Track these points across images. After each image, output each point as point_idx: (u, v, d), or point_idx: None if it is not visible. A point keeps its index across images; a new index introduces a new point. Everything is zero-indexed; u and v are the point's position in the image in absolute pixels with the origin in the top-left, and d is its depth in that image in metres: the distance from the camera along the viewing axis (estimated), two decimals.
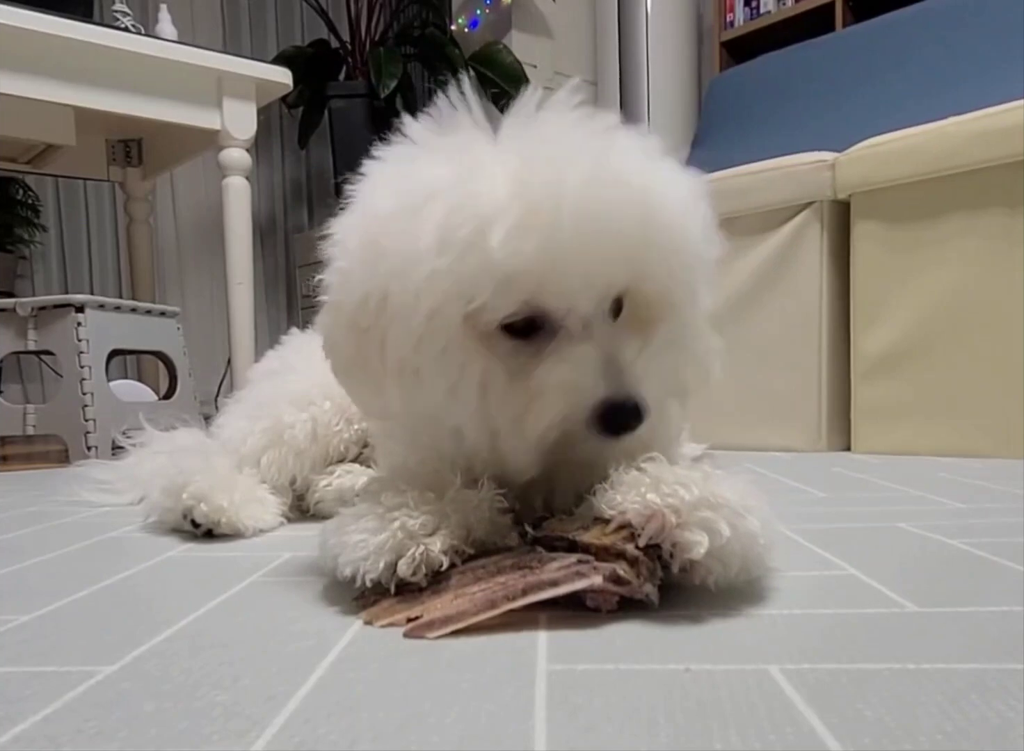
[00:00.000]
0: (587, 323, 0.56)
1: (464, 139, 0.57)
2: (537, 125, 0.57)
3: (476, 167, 0.54)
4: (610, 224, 0.53)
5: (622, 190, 0.53)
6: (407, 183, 0.56)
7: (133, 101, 1.96)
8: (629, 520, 0.52)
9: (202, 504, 0.83)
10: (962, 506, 0.91)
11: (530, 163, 0.53)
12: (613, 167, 0.54)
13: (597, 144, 0.55)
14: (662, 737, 0.34)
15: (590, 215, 0.52)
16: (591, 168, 0.53)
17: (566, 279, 0.54)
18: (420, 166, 0.56)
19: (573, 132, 0.56)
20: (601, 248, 0.53)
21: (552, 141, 0.55)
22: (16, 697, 0.41)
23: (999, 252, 1.44)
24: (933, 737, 0.33)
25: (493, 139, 0.57)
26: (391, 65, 3.01)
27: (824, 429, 1.68)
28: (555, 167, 0.52)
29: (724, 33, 3.24)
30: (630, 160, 0.55)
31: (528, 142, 0.55)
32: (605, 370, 0.54)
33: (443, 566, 0.53)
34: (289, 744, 0.34)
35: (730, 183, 1.79)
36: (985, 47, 2.06)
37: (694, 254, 0.58)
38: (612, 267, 0.55)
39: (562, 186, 0.52)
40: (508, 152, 0.55)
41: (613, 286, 0.57)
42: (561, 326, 0.56)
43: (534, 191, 0.52)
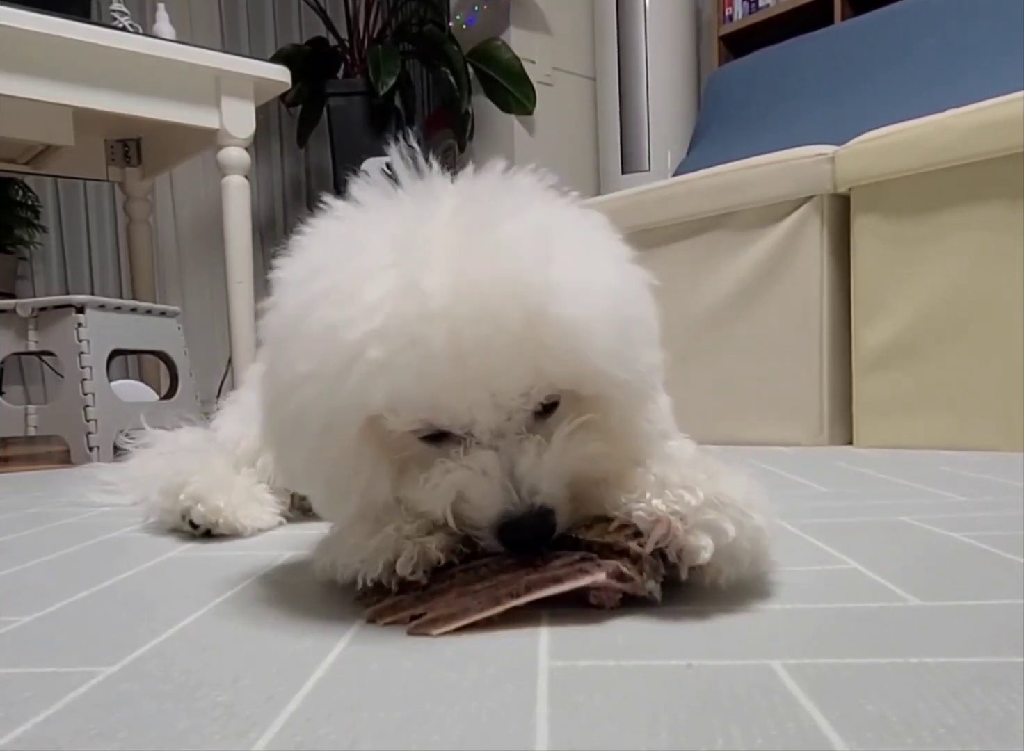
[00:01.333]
0: (497, 432, 0.52)
1: (357, 234, 0.53)
2: (433, 219, 0.52)
3: (352, 281, 0.49)
4: (494, 343, 0.48)
5: (506, 306, 0.48)
6: (300, 292, 0.53)
7: (131, 101, 1.96)
8: (633, 522, 0.52)
9: (199, 505, 0.83)
10: (964, 499, 0.91)
11: (403, 277, 0.49)
12: (502, 277, 0.48)
13: (493, 244, 0.50)
14: (664, 733, 0.34)
15: (469, 338, 0.48)
16: (471, 285, 0.48)
17: (457, 401, 0.50)
18: (313, 272, 0.53)
19: (475, 230, 0.50)
20: (487, 368, 0.49)
21: (437, 247, 0.50)
22: (17, 698, 0.41)
23: (999, 245, 1.44)
24: (935, 731, 0.33)
25: (389, 235, 0.52)
26: (389, 62, 3.01)
27: (826, 423, 1.68)
28: (430, 286, 0.48)
29: (723, 27, 3.24)
30: (528, 262, 0.49)
31: (410, 248, 0.50)
32: (506, 478, 0.51)
33: (441, 562, 0.53)
34: (290, 744, 0.34)
35: (730, 177, 1.79)
36: (984, 39, 2.06)
37: (611, 354, 0.51)
38: (508, 382, 0.50)
39: (434, 310, 0.47)
40: (386, 264, 0.50)
41: (522, 397, 0.52)
42: (469, 435, 0.53)
43: (403, 320, 0.47)
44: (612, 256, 0.56)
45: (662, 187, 1.94)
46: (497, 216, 0.51)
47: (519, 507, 0.51)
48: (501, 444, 0.52)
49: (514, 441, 0.52)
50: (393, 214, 0.54)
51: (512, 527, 0.52)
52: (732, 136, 2.55)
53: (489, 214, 0.51)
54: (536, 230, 0.51)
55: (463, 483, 0.52)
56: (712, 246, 1.84)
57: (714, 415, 1.82)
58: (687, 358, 1.87)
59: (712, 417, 1.82)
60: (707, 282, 1.85)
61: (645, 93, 3.23)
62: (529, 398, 0.52)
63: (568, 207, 0.57)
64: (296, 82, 2.52)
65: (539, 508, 0.51)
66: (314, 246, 0.56)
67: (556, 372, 0.51)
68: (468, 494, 0.52)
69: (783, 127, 2.34)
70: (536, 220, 0.52)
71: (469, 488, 0.52)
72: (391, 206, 0.55)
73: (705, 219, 1.84)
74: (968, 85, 1.86)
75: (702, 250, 1.86)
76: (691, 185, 1.86)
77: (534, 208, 0.54)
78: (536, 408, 0.54)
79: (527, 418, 0.53)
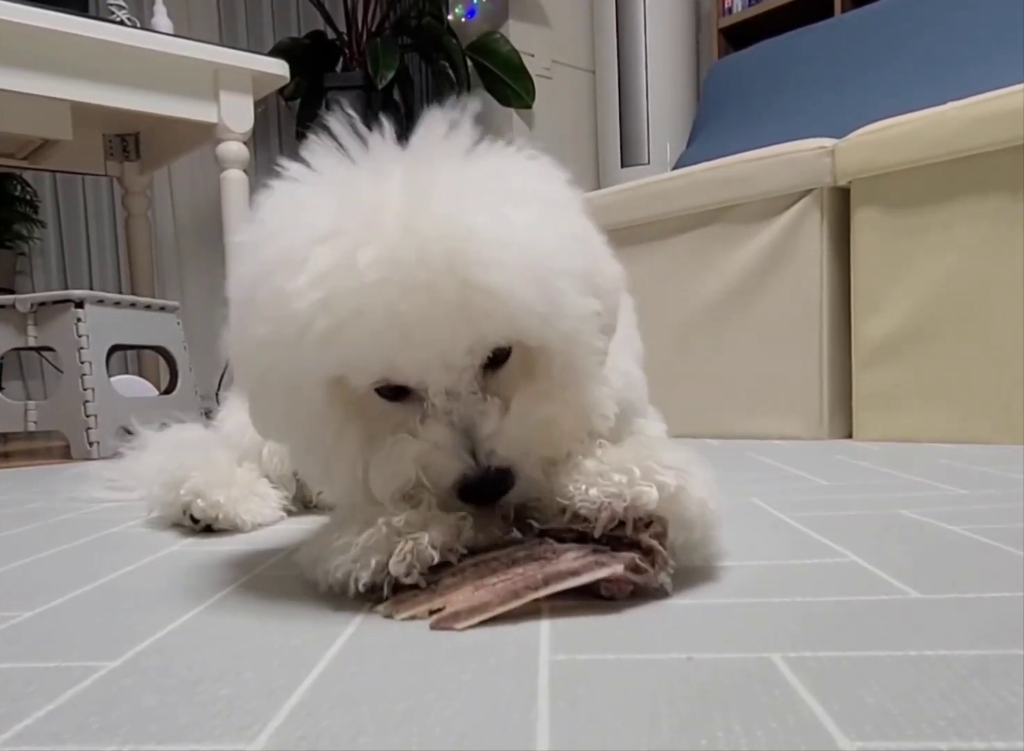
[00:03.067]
0: (450, 391, 0.55)
1: (306, 199, 0.55)
2: (374, 184, 0.54)
3: (299, 250, 0.52)
4: (430, 307, 0.50)
5: (434, 271, 0.50)
6: (255, 258, 0.55)
7: (129, 95, 1.96)
8: (583, 514, 0.54)
9: (199, 500, 0.83)
10: (964, 492, 0.91)
11: (344, 247, 0.51)
12: (430, 243, 0.50)
13: (425, 212, 0.51)
14: (664, 726, 0.34)
15: (406, 304, 0.50)
16: (402, 252, 0.50)
17: (407, 361, 0.53)
18: (280, 229, 0.54)
19: (410, 199, 0.52)
20: (427, 330, 0.51)
21: (376, 217, 0.51)
22: (19, 693, 0.41)
23: (1000, 237, 1.44)
24: (935, 723, 0.33)
25: (333, 198, 0.54)
26: (388, 56, 3.00)
27: (825, 417, 1.68)
28: (368, 257, 0.50)
29: (722, 19, 3.23)
30: (455, 230, 0.51)
31: (351, 216, 0.52)
32: (460, 446, 0.54)
33: (435, 560, 0.53)
34: (292, 737, 0.34)
35: (729, 171, 1.79)
36: (985, 31, 2.05)
37: (533, 308, 0.52)
38: (450, 341, 0.52)
39: (372, 281, 0.49)
40: (332, 230, 0.52)
41: (467, 351, 0.54)
42: (426, 394, 0.55)
43: (345, 292, 0.50)
44: (540, 207, 0.56)
45: (662, 180, 1.94)
46: (432, 183, 0.53)
47: (476, 470, 0.54)
48: (457, 406, 0.55)
49: (470, 402, 0.55)
50: (340, 180, 0.55)
51: (471, 489, 0.55)
52: (732, 129, 2.54)
53: (425, 182, 0.53)
54: (467, 195, 0.53)
55: (422, 455, 0.55)
56: (712, 239, 1.84)
57: (714, 408, 1.82)
58: (687, 351, 1.87)
59: (712, 410, 1.82)
60: (707, 275, 1.85)
61: (645, 86, 3.22)
62: (474, 354, 0.55)
63: (509, 159, 0.59)
64: (295, 76, 2.51)
65: (495, 469, 0.55)
66: (268, 211, 0.57)
67: (490, 329, 0.53)
68: (427, 463, 0.55)
69: (783, 120, 2.34)
70: (468, 184, 0.54)
71: (427, 459, 0.55)
72: (340, 172, 0.56)
73: (705, 212, 1.84)
74: (968, 77, 1.86)
75: (702, 243, 1.86)
76: (691, 178, 1.86)
77: (471, 169, 0.55)
78: (483, 362, 0.56)
79: (477, 374, 0.56)
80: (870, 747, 0.31)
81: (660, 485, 0.53)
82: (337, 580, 0.54)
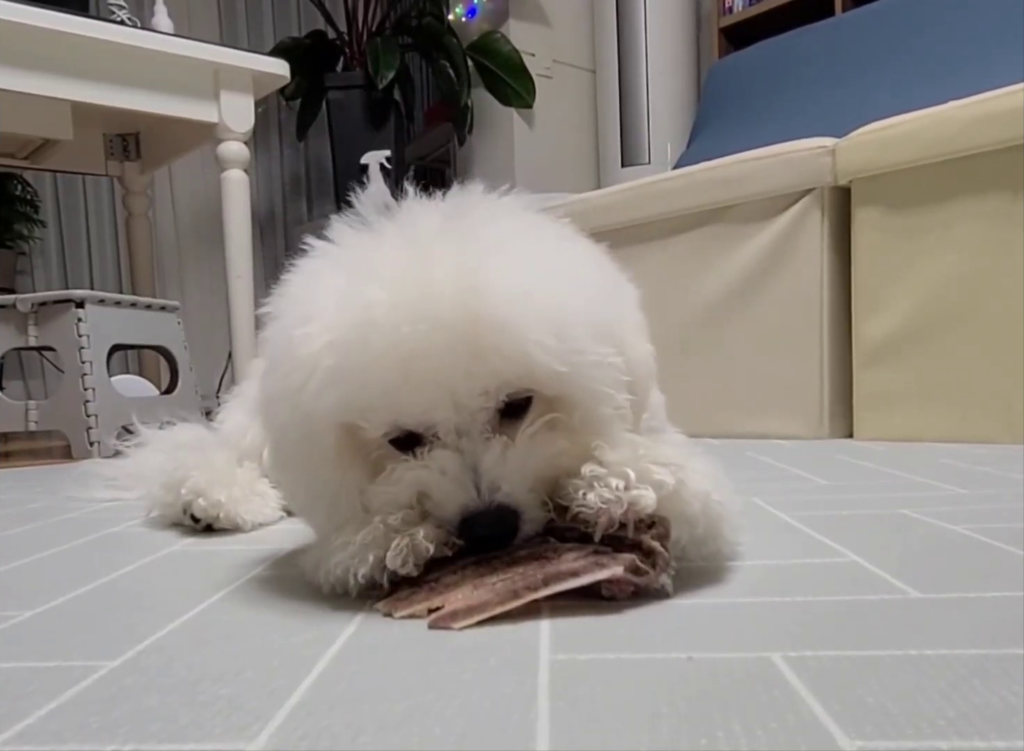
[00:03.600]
0: (461, 431, 0.54)
1: (323, 267, 0.58)
2: (384, 243, 0.56)
3: (312, 306, 0.54)
4: (433, 340, 0.51)
5: (439, 306, 0.51)
6: (277, 324, 0.58)
7: (130, 95, 1.96)
8: (584, 517, 0.53)
9: (200, 499, 0.83)
10: (964, 492, 0.91)
11: (350, 293, 0.53)
12: (435, 280, 0.52)
13: (430, 255, 0.53)
14: (664, 726, 0.34)
15: (408, 337, 0.50)
16: (407, 290, 0.51)
17: (415, 401, 0.53)
18: (297, 292, 0.58)
19: (416, 244, 0.54)
20: (433, 365, 0.51)
21: (381, 266, 0.54)
22: (20, 693, 0.41)
23: (1000, 237, 1.44)
24: (935, 723, 0.33)
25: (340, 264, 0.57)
26: (389, 55, 3.00)
27: (826, 416, 1.68)
28: (372, 296, 0.52)
29: (723, 19, 3.22)
30: (461, 269, 0.52)
31: (360, 268, 0.54)
32: (465, 477, 0.53)
33: (430, 552, 0.53)
34: (292, 737, 0.34)
35: (730, 170, 1.79)
36: (985, 30, 2.05)
37: (547, 349, 0.51)
38: (461, 380, 0.52)
39: (375, 316, 0.51)
40: (340, 287, 0.54)
41: (481, 395, 0.53)
42: (436, 437, 0.55)
43: (349, 329, 0.51)
44: (560, 257, 0.57)
45: (662, 180, 1.94)
46: (438, 232, 0.55)
47: (478, 504, 0.53)
48: (465, 443, 0.54)
49: (479, 440, 0.54)
50: (354, 246, 0.58)
51: (471, 522, 0.53)
52: (732, 128, 2.54)
53: (431, 231, 0.55)
54: (475, 239, 0.54)
55: (423, 480, 0.54)
56: (712, 239, 1.84)
57: (714, 408, 1.82)
58: (687, 351, 1.87)
59: (712, 410, 1.82)
60: (707, 275, 1.85)
61: (645, 86, 3.22)
62: (488, 396, 0.54)
63: (528, 215, 0.60)
64: (295, 75, 2.51)
65: (498, 505, 0.53)
66: (292, 284, 0.60)
67: (502, 368, 0.52)
68: (429, 490, 0.54)
69: (783, 119, 2.34)
70: (479, 230, 0.55)
71: (429, 485, 0.54)
72: (357, 239, 0.58)
73: (705, 212, 1.84)
74: (969, 77, 1.86)
75: (702, 243, 1.86)
76: (691, 178, 1.86)
77: (482, 220, 0.56)
78: (500, 406, 0.55)
79: (492, 418, 0.55)
80: (870, 747, 0.31)
81: (658, 484, 0.52)
82: (337, 577, 0.54)
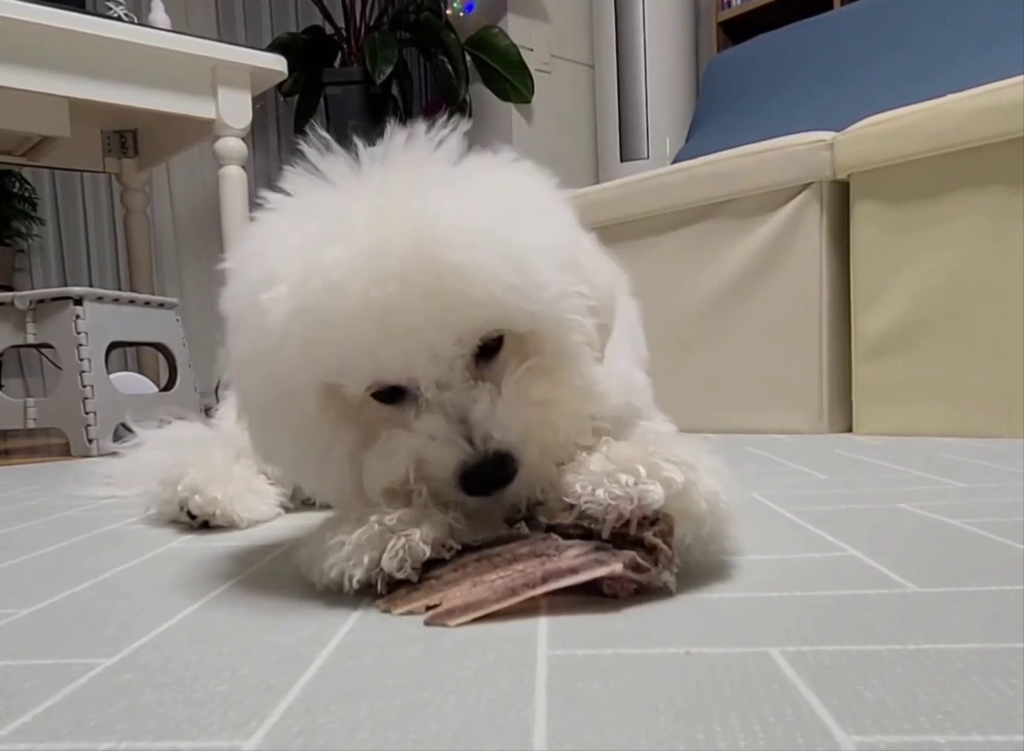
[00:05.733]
0: (442, 383, 0.54)
1: (278, 223, 0.57)
2: (338, 197, 0.55)
3: (272, 267, 0.53)
4: (403, 295, 0.50)
5: (403, 259, 0.50)
6: (237, 282, 0.57)
7: (127, 91, 1.95)
8: (590, 514, 0.53)
9: (197, 496, 0.83)
10: (963, 486, 0.91)
11: (311, 254, 0.52)
12: (394, 235, 0.51)
13: (389, 207, 0.52)
14: (662, 721, 0.34)
15: (377, 295, 0.50)
16: (367, 247, 0.51)
17: (393, 356, 0.52)
18: (258, 250, 0.56)
19: (371, 198, 0.53)
20: (406, 320, 0.51)
21: (340, 222, 0.53)
22: (16, 690, 0.41)
23: (1000, 230, 1.44)
24: (933, 717, 0.33)
25: (308, 213, 0.55)
26: (386, 51, 2.99)
27: (825, 411, 1.68)
28: (333, 258, 0.51)
29: (721, 13, 3.22)
30: (421, 216, 0.51)
31: (315, 227, 0.53)
32: (456, 434, 0.53)
33: (427, 555, 0.52)
34: (289, 734, 0.34)
35: (728, 164, 1.78)
36: (984, 23, 2.04)
37: (513, 287, 0.52)
38: (434, 330, 0.52)
39: (339, 278, 0.50)
40: (298, 245, 0.53)
41: (455, 340, 0.53)
42: (419, 390, 0.55)
43: (315, 293, 0.51)
44: (513, 194, 0.56)
45: (661, 175, 1.94)
46: (393, 183, 0.54)
47: (475, 456, 0.53)
48: (449, 395, 0.54)
49: (463, 390, 0.54)
50: (312, 200, 0.57)
51: (472, 476, 0.54)
52: (731, 123, 2.54)
53: (385, 182, 0.54)
54: (429, 186, 0.53)
55: (417, 448, 0.54)
56: (711, 234, 1.84)
57: (713, 403, 1.82)
58: (687, 345, 1.87)
59: (711, 405, 1.82)
60: (706, 270, 1.85)
61: (644, 80, 3.21)
62: (462, 343, 0.54)
63: (488, 162, 0.59)
64: (292, 71, 2.50)
65: (494, 454, 0.53)
66: (249, 237, 0.59)
67: (472, 314, 0.52)
68: (424, 456, 0.55)
69: (782, 113, 2.33)
70: (432, 177, 0.54)
71: (423, 451, 0.54)
72: (313, 193, 0.57)
73: (704, 206, 1.84)
74: (968, 70, 1.85)
75: (701, 238, 1.85)
76: (690, 172, 1.86)
77: (435, 166, 0.56)
78: (474, 351, 0.55)
79: (469, 364, 0.56)
80: (868, 741, 0.31)
81: (667, 482, 0.52)
82: (332, 579, 0.54)
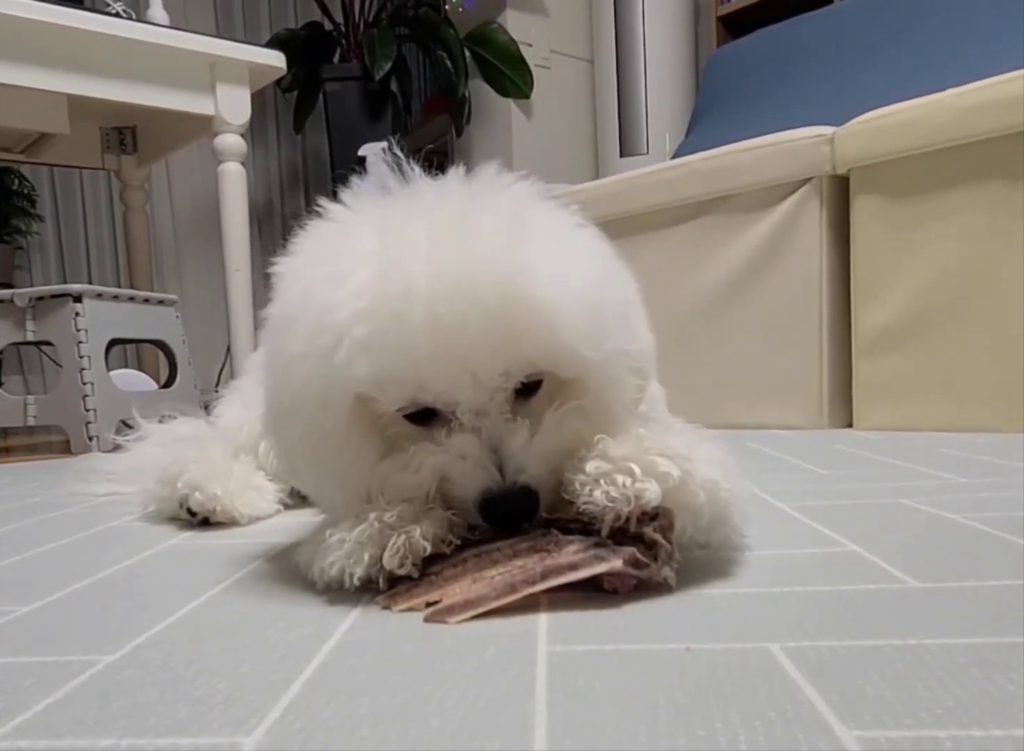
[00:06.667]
0: (480, 411, 0.54)
1: (349, 229, 0.57)
2: (416, 213, 0.55)
3: (342, 269, 0.53)
4: (470, 319, 0.50)
5: (481, 285, 0.50)
6: (297, 282, 0.57)
7: (126, 88, 1.95)
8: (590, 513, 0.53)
9: (197, 493, 0.83)
10: (964, 481, 0.91)
11: (388, 262, 0.52)
12: (477, 259, 0.51)
13: (470, 231, 0.52)
14: (663, 717, 0.34)
15: (446, 314, 0.50)
16: (448, 266, 0.51)
17: (440, 378, 0.53)
18: (329, 251, 0.56)
19: (454, 219, 0.53)
20: (465, 344, 0.51)
21: (418, 235, 0.53)
22: (17, 687, 0.41)
23: (1000, 225, 1.43)
24: (934, 712, 0.33)
25: (376, 229, 0.55)
26: (385, 47, 2.99)
27: (826, 406, 1.68)
28: (412, 268, 0.51)
29: (721, 8, 3.21)
30: (502, 246, 0.52)
31: (396, 237, 0.53)
32: (487, 458, 0.53)
33: (427, 551, 0.52)
34: (290, 730, 0.34)
35: (728, 160, 1.78)
36: (984, 18, 2.04)
37: (580, 333, 0.52)
38: (487, 360, 0.52)
39: (414, 289, 0.50)
40: (373, 252, 0.53)
41: (502, 375, 0.54)
42: (454, 415, 0.55)
43: (386, 298, 0.51)
44: (585, 244, 0.58)
45: (661, 170, 1.93)
46: (475, 208, 0.54)
47: (502, 486, 0.53)
48: (484, 424, 0.54)
49: (498, 421, 0.54)
50: (380, 211, 0.57)
51: (494, 503, 0.54)
52: (731, 118, 2.53)
53: (467, 207, 0.54)
54: (511, 219, 0.53)
55: (445, 465, 0.54)
56: (711, 229, 1.83)
57: (714, 398, 1.82)
58: (686, 341, 1.86)
59: (712, 400, 1.82)
60: (706, 265, 1.85)
61: (643, 75, 3.21)
62: (509, 376, 0.54)
63: (547, 202, 0.60)
64: (291, 67, 2.49)
65: (521, 487, 0.53)
66: (310, 242, 0.59)
67: (531, 351, 0.53)
68: (450, 474, 0.55)
69: (782, 108, 2.33)
70: (512, 211, 0.55)
71: (450, 469, 0.54)
72: (378, 205, 0.58)
73: (704, 202, 1.83)
74: (968, 64, 1.85)
75: (701, 233, 1.85)
76: (690, 168, 1.85)
77: (511, 201, 0.56)
78: (517, 387, 0.55)
79: (508, 397, 0.55)
80: (868, 736, 0.31)
81: (663, 477, 0.52)
82: (332, 577, 0.54)
